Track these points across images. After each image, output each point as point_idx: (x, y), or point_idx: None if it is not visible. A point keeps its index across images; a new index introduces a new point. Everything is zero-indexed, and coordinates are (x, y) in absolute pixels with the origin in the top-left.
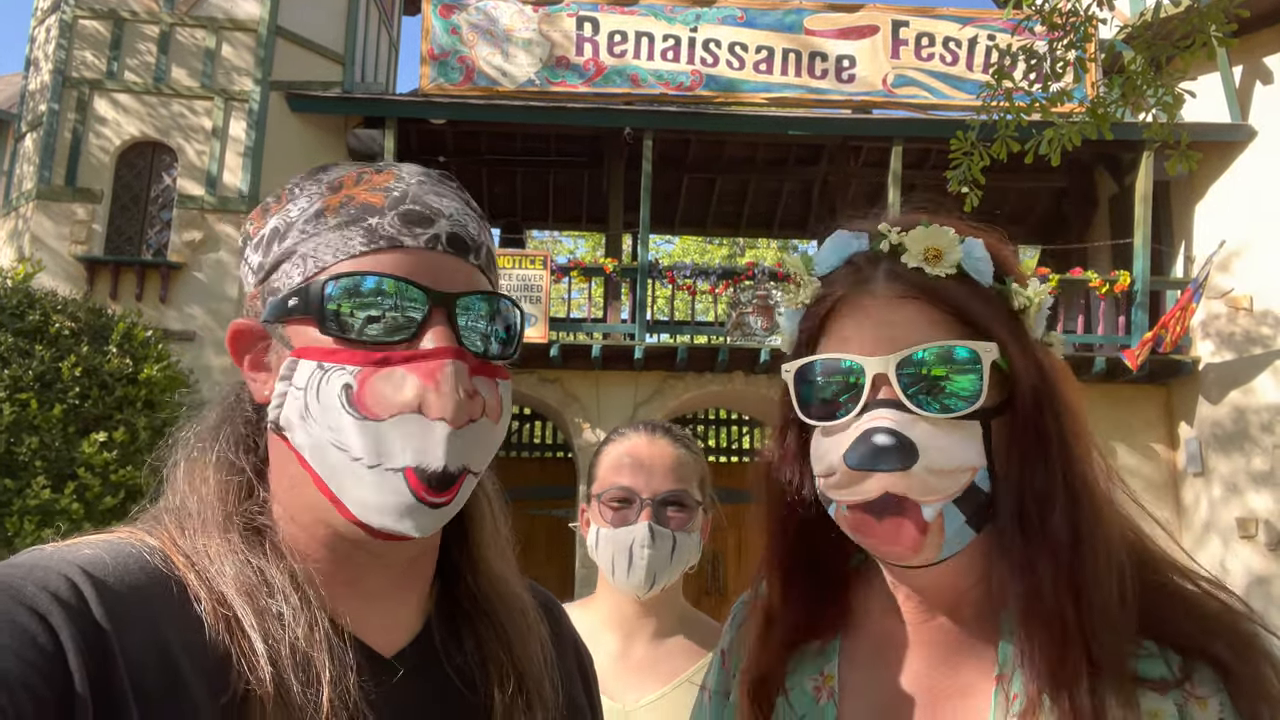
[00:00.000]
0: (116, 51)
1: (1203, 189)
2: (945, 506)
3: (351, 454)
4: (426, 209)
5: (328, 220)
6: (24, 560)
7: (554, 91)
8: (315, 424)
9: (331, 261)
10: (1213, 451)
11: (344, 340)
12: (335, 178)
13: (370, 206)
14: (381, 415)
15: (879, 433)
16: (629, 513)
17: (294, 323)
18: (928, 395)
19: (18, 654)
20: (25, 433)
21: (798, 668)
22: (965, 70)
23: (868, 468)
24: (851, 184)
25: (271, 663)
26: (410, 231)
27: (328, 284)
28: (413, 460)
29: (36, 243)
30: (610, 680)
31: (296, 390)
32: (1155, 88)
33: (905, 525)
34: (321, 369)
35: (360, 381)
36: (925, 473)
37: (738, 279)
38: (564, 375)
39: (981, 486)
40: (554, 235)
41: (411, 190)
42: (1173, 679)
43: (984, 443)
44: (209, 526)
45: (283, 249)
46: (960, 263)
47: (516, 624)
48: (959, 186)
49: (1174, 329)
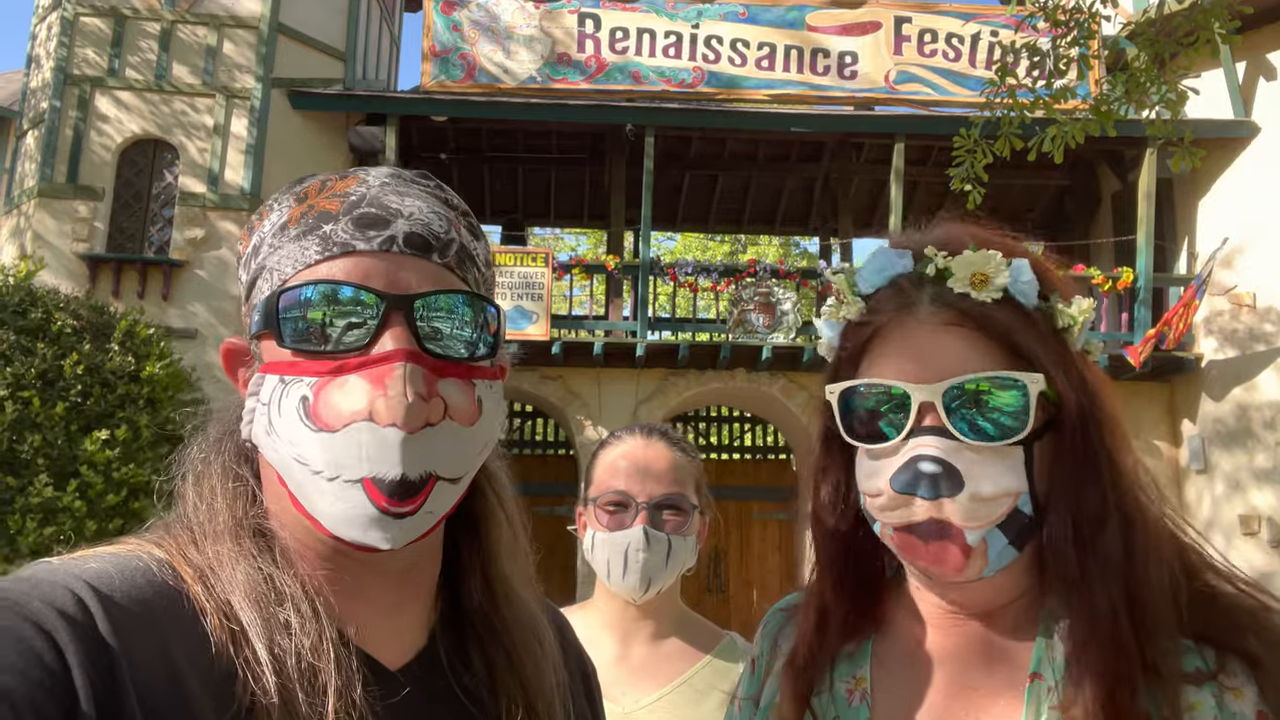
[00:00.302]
0: (118, 49)
1: (1206, 186)
2: (988, 532)
3: (312, 467)
4: (383, 211)
5: (289, 231)
6: (30, 575)
7: (555, 88)
8: (279, 439)
9: (291, 273)
10: (1215, 449)
11: (301, 352)
12: (303, 188)
13: (326, 214)
14: (335, 426)
15: (925, 460)
16: (624, 516)
17: (264, 338)
18: (973, 424)
19: (23, 671)
20: (28, 430)
21: (833, 672)
22: (968, 67)
23: (914, 490)
24: (854, 181)
25: (277, 673)
26: (363, 235)
27: (280, 296)
28: (369, 470)
29: (39, 240)
30: (609, 683)
31: (262, 406)
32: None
33: (950, 549)
34: (282, 383)
35: (315, 393)
36: (970, 501)
37: (739, 276)
38: (565, 373)
39: (1024, 510)
40: (555, 232)
41: (371, 193)
42: (1207, 671)
43: (1026, 467)
44: (220, 533)
45: (257, 265)
46: (1006, 287)
47: (530, 648)
48: (961, 184)
49: (1177, 326)
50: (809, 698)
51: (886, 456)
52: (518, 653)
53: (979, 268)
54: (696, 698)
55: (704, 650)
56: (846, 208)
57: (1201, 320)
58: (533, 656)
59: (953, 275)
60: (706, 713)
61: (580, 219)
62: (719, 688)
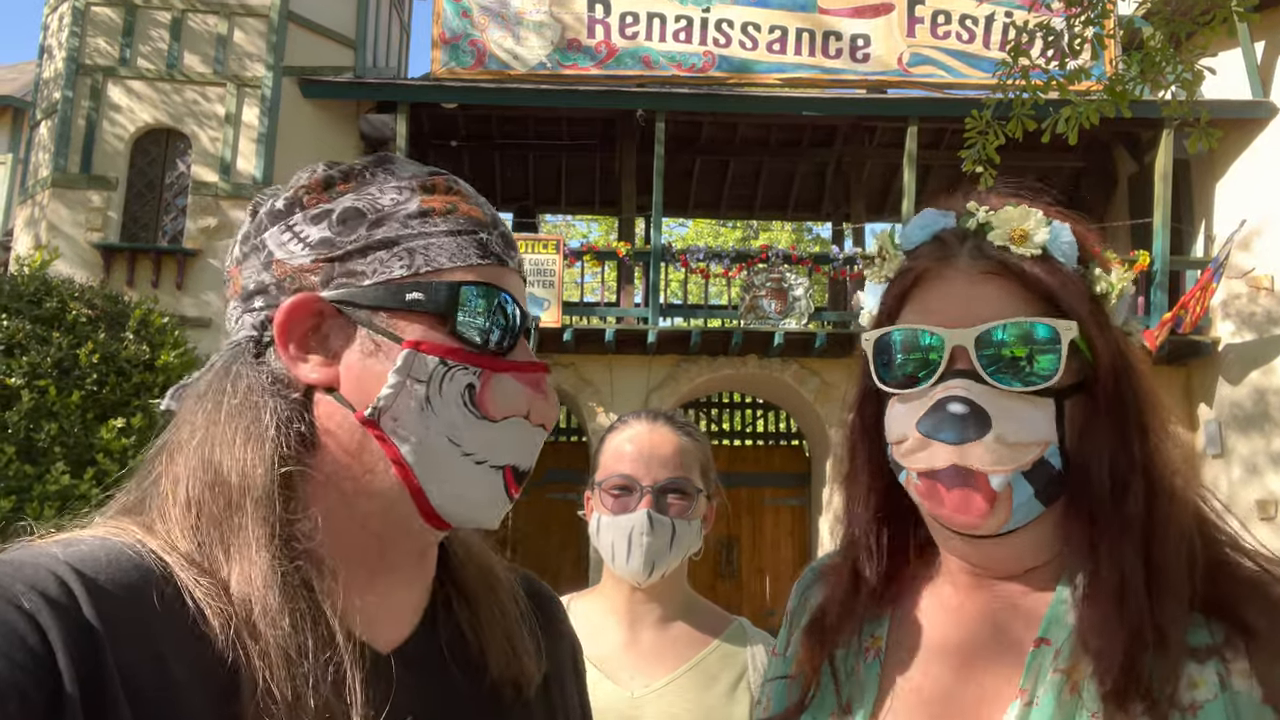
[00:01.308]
0: (129, 38)
1: (1223, 167)
2: (1014, 478)
3: (464, 448)
4: (511, 235)
5: (435, 223)
6: (13, 557)
7: (565, 74)
8: (434, 417)
9: (448, 265)
10: (1232, 433)
11: (466, 342)
12: (423, 179)
13: (477, 220)
14: (496, 416)
15: (954, 401)
16: (629, 500)
17: (403, 315)
18: (1005, 369)
19: (6, 655)
20: (44, 419)
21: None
22: (982, 48)
23: (940, 435)
24: (866, 165)
25: (267, 657)
26: (508, 254)
27: (463, 288)
28: (513, 459)
29: (53, 230)
30: (616, 668)
31: (417, 383)
32: (1175, 64)
33: (973, 496)
34: (445, 365)
35: (483, 383)
36: (996, 443)
37: (751, 262)
38: (577, 360)
39: (1052, 462)
40: (567, 219)
41: (496, 214)
42: (1212, 645)
43: (1056, 420)
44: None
45: (376, 236)
46: (1046, 245)
47: (503, 604)
48: (974, 166)
49: (1194, 309)
50: (827, 655)
51: (916, 400)
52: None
53: (1019, 223)
54: (705, 681)
55: (712, 635)
56: (859, 192)
57: (1218, 303)
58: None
59: (993, 229)
60: (715, 697)
61: (591, 205)
62: (727, 672)
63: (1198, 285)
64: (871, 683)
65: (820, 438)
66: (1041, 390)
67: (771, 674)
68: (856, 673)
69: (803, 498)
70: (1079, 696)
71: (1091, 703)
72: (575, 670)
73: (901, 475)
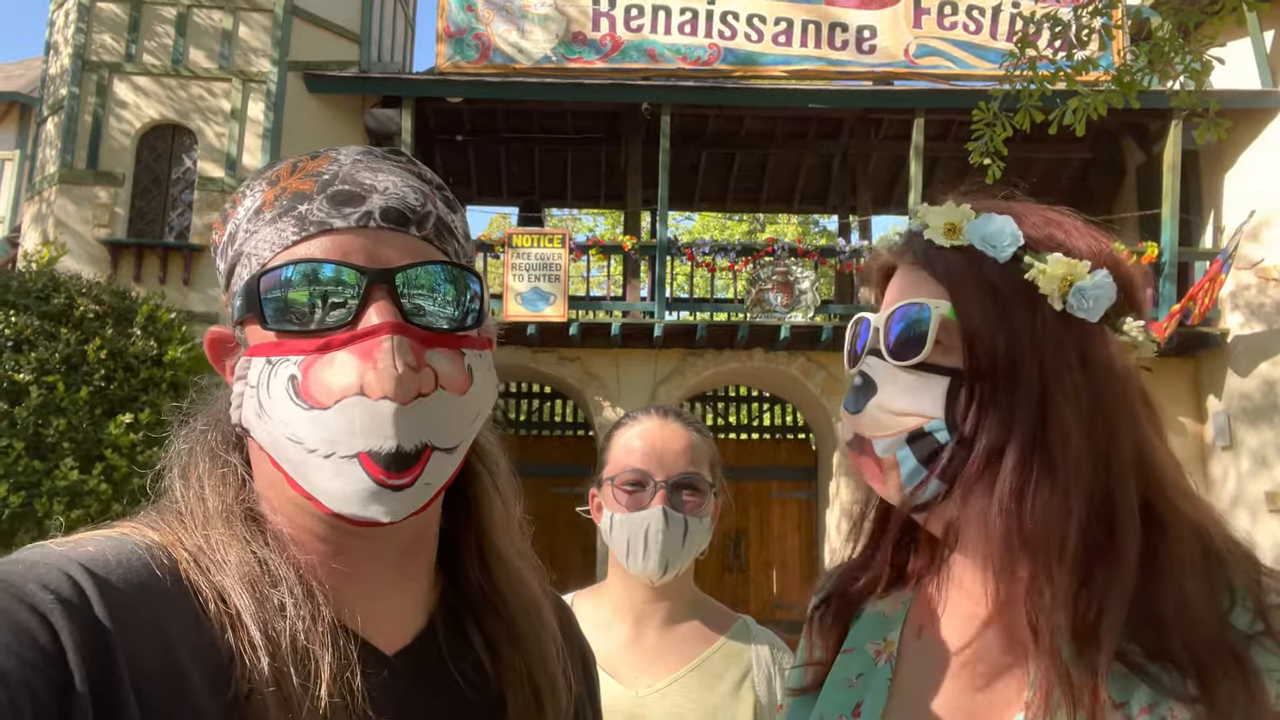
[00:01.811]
0: (135, 34)
1: (1233, 157)
2: (897, 447)
3: (306, 445)
4: (357, 187)
5: (264, 215)
6: (25, 557)
7: (571, 68)
8: (270, 420)
9: (269, 256)
10: (1241, 424)
11: (286, 332)
12: (274, 171)
13: (301, 194)
14: (326, 403)
15: (858, 374)
16: (643, 496)
17: (248, 323)
18: (896, 347)
19: (18, 653)
20: (53, 415)
21: (864, 631)
22: (989, 39)
23: (845, 405)
24: (872, 157)
25: (271, 656)
26: (339, 212)
27: (261, 278)
28: (364, 444)
29: (60, 226)
30: (622, 667)
31: (250, 389)
32: (1183, 54)
33: (868, 463)
34: (269, 364)
35: (304, 371)
36: (877, 409)
37: (757, 255)
38: (584, 354)
39: (936, 435)
40: (573, 213)
41: (343, 171)
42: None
43: (947, 398)
44: (210, 518)
45: (234, 252)
46: (969, 237)
47: (530, 621)
48: (981, 158)
49: (1202, 300)
50: (839, 649)
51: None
52: (518, 628)
53: (949, 218)
54: (710, 681)
55: (717, 633)
56: (865, 185)
57: (1227, 295)
58: (532, 630)
59: (928, 226)
60: (719, 696)
61: (597, 199)
62: (732, 670)
63: (1206, 276)
64: (882, 687)
65: (827, 431)
66: (929, 366)
67: (790, 685)
68: (868, 676)
69: (810, 491)
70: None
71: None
72: (587, 679)
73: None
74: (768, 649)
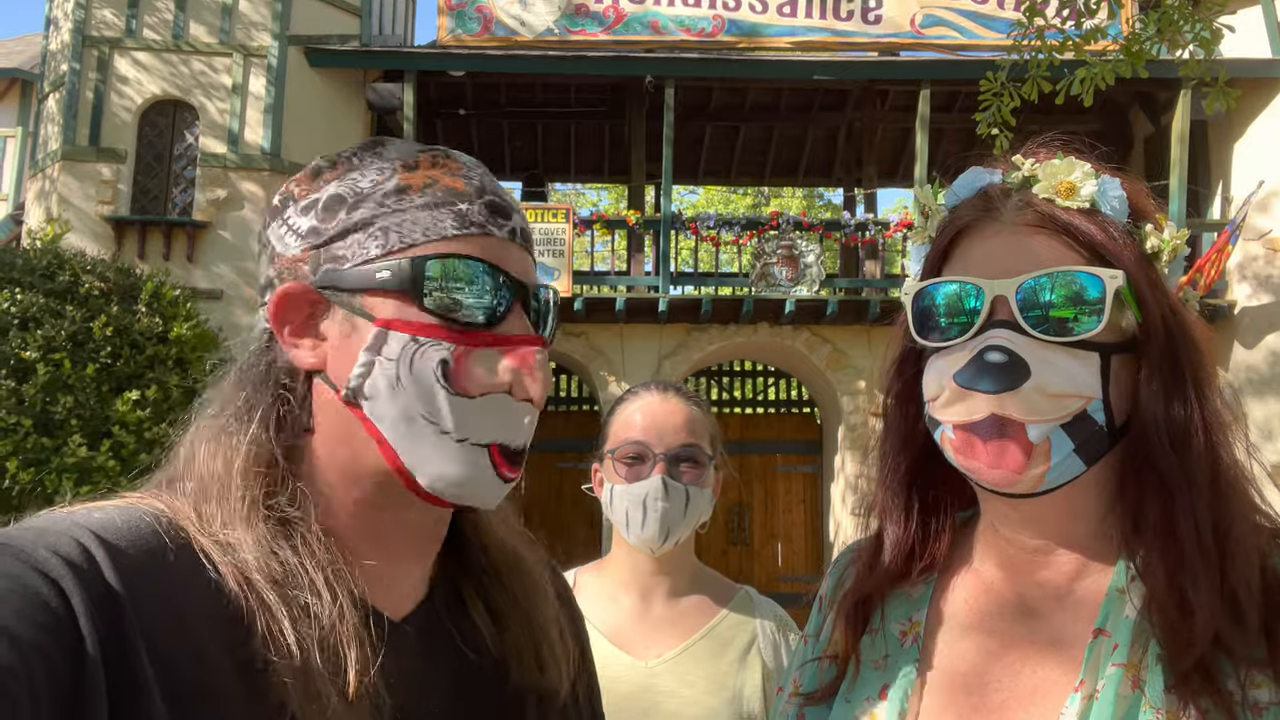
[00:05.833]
0: (135, 9)
1: (1241, 127)
2: (1053, 431)
3: (441, 426)
4: (504, 202)
5: (412, 198)
6: (35, 524)
7: (573, 40)
8: (405, 395)
9: (421, 240)
10: (1248, 396)
11: (439, 317)
12: (407, 156)
13: (456, 191)
14: (474, 393)
15: (993, 350)
16: (642, 468)
17: (377, 294)
18: (1046, 320)
19: (29, 617)
20: (60, 392)
21: (889, 612)
22: (996, 8)
23: (978, 385)
24: (878, 129)
25: (294, 625)
26: (495, 221)
27: (428, 262)
28: (499, 437)
29: (64, 203)
30: (630, 638)
31: (387, 361)
32: (1192, 23)
33: (1010, 447)
34: (415, 343)
35: (456, 359)
36: (1035, 393)
37: (762, 229)
38: (588, 329)
39: (1095, 417)
40: (576, 188)
41: (487, 182)
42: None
43: (1102, 376)
44: (233, 514)
45: (354, 218)
46: (1094, 198)
47: (526, 585)
48: (988, 129)
49: (1209, 272)
50: (861, 633)
51: (955, 352)
52: (515, 592)
53: (1066, 176)
54: (718, 649)
55: (722, 604)
56: (871, 157)
57: (1235, 266)
58: (530, 594)
59: (1039, 182)
60: (727, 664)
61: (601, 174)
62: (739, 639)
63: (1214, 248)
64: (909, 668)
65: (832, 405)
66: (1085, 343)
67: (801, 659)
68: (894, 657)
69: (814, 464)
70: (1140, 692)
71: (1156, 699)
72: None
73: (937, 432)
74: (772, 621)
